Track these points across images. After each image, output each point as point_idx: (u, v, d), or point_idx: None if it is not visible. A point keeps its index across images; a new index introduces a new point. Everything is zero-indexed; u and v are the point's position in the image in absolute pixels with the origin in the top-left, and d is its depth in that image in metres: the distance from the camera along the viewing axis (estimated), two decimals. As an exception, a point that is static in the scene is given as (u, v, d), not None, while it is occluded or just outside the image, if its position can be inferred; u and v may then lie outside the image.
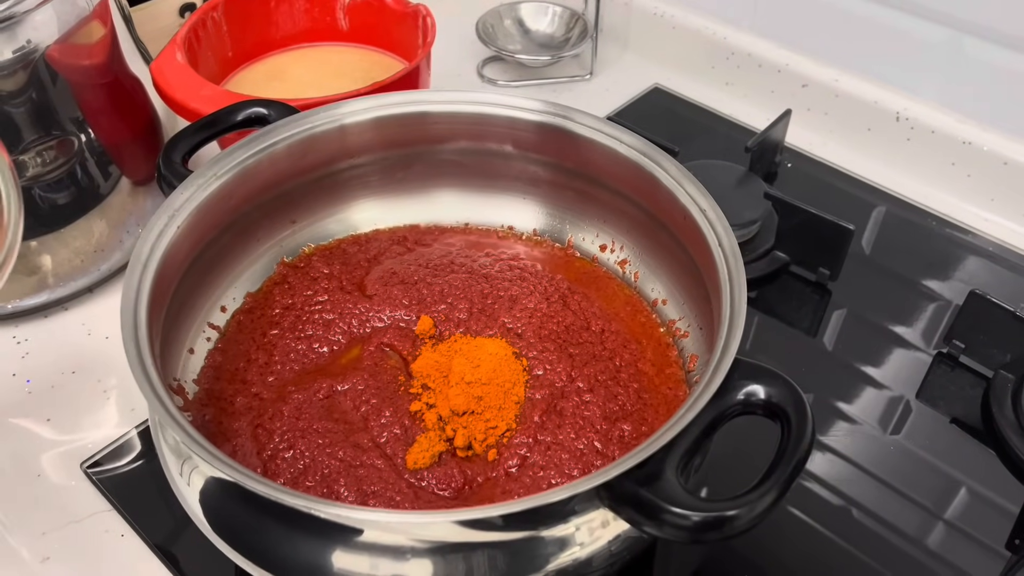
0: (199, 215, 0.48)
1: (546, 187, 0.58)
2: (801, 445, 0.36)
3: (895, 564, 0.50)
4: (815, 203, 0.64)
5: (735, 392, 0.38)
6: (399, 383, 0.49)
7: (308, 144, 0.53)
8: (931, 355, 0.61)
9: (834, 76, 0.78)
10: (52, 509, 0.52)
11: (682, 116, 0.83)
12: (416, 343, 0.52)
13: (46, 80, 0.56)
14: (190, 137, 0.52)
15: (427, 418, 0.47)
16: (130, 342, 0.40)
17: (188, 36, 0.68)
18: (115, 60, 0.62)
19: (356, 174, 0.58)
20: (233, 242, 0.53)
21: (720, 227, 0.45)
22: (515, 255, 0.58)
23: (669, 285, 0.54)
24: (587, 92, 0.86)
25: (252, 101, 0.55)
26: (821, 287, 0.66)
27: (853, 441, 0.56)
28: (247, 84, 0.74)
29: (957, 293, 0.65)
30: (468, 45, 0.89)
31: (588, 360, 0.50)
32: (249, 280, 0.55)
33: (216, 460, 0.35)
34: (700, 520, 0.34)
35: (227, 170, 0.50)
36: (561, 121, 0.53)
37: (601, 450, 0.46)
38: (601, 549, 0.39)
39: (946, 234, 0.71)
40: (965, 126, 0.72)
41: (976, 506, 0.52)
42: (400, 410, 0.47)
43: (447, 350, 0.50)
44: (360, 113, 0.54)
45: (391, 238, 0.59)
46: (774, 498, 0.35)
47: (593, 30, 0.85)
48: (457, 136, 0.56)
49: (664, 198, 0.49)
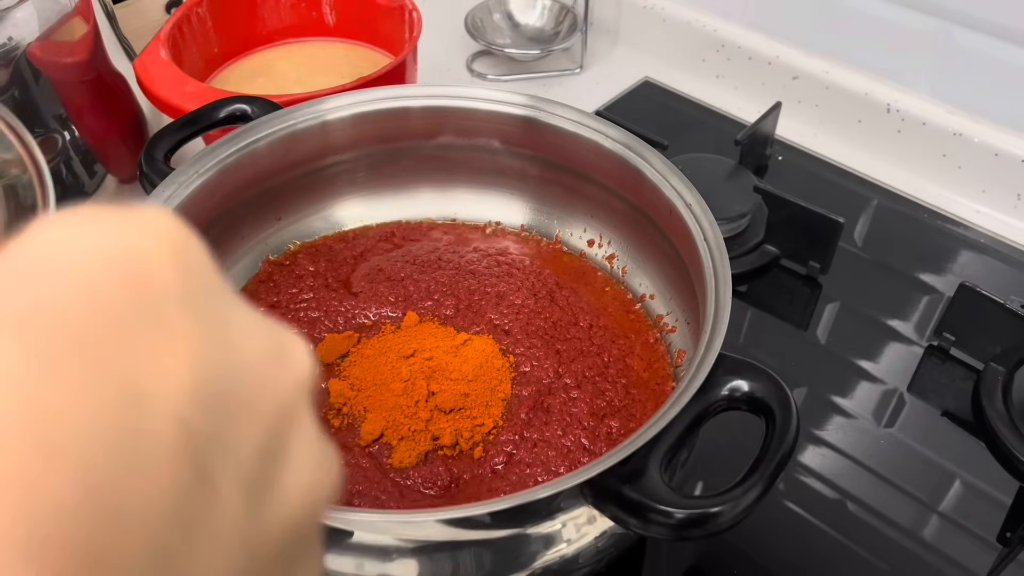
0: (182, 213, 0.48)
1: (533, 182, 0.58)
2: (785, 440, 0.36)
3: (889, 556, 0.49)
4: (805, 196, 0.64)
5: (719, 388, 0.38)
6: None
7: (290, 141, 0.52)
8: (923, 347, 0.61)
9: (824, 68, 0.78)
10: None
11: (672, 109, 0.83)
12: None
13: (28, 78, 0.56)
14: (172, 134, 0.52)
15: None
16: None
17: (172, 32, 0.68)
18: (98, 57, 0.62)
19: (341, 170, 0.57)
20: (217, 240, 0.53)
21: (705, 221, 0.45)
22: (502, 250, 0.57)
23: (656, 280, 0.54)
24: (577, 86, 0.86)
25: (234, 98, 0.54)
26: (812, 280, 0.65)
27: (846, 434, 0.56)
28: (233, 81, 0.73)
29: (948, 285, 0.64)
30: (457, 39, 0.88)
31: (576, 356, 0.50)
32: (234, 278, 0.55)
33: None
34: (684, 517, 0.34)
35: (209, 167, 0.49)
36: (546, 116, 0.53)
37: (588, 447, 0.46)
38: (588, 546, 0.38)
39: (937, 226, 0.71)
40: (956, 117, 0.72)
41: (968, 498, 0.52)
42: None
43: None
44: (342, 109, 0.53)
45: (377, 235, 0.59)
46: (758, 494, 0.34)
47: (583, 23, 0.85)
48: (442, 131, 0.56)
49: (649, 192, 0.49)
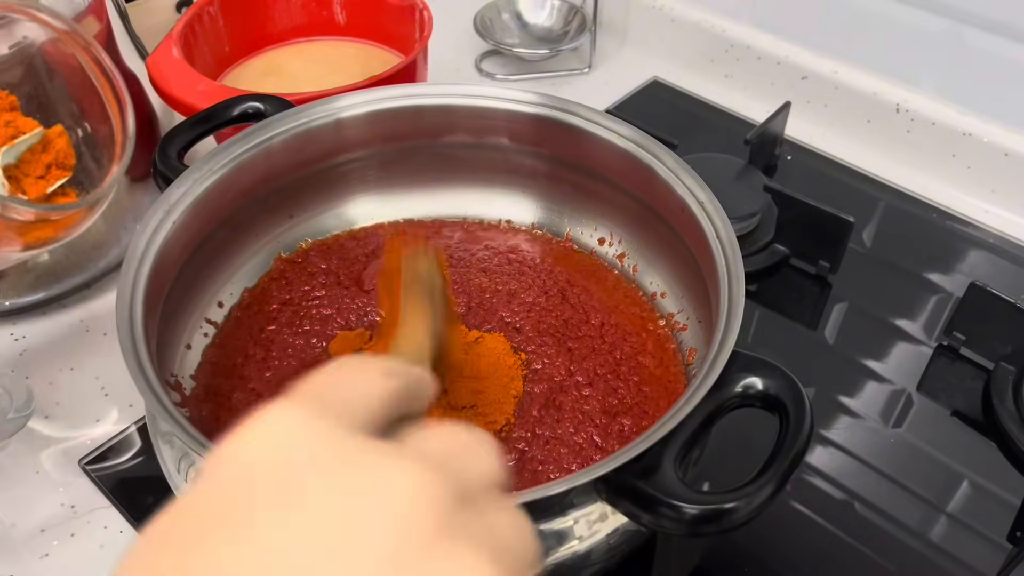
0: (195, 210, 0.48)
1: (544, 180, 0.58)
2: (799, 437, 0.36)
3: (897, 557, 0.49)
4: (815, 196, 0.64)
5: (733, 385, 0.38)
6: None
7: (304, 138, 0.53)
8: (932, 347, 0.61)
9: (833, 68, 0.78)
10: (51, 506, 0.52)
11: (681, 109, 0.83)
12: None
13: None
14: (186, 132, 0.52)
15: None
16: (126, 339, 0.40)
17: (184, 31, 0.68)
18: (111, 55, 0.62)
19: (353, 168, 0.57)
20: (230, 237, 0.53)
21: (718, 219, 0.45)
22: (513, 248, 0.57)
23: (668, 278, 0.54)
24: (586, 85, 0.86)
25: (248, 96, 0.55)
26: (821, 280, 0.65)
27: (854, 434, 0.56)
28: (244, 79, 0.73)
29: (958, 285, 0.64)
30: (466, 39, 0.88)
31: (587, 354, 0.50)
32: (246, 276, 0.55)
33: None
34: (698, 513, 0.34)
35: (223, 165, 0.49)
36: (558, 114, 0.53)
37: (600, 444, 0.46)
38: (600, 542, 0.38)
39: (947, 226, 0.71)
40: (966, 117, 0.72)
41: (977, 498, 0.52)
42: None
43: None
44: (356, 107, 0.53)
45: (389, 232, 0.59)
46: (772, 491, 0.35)
47: (591, 23, 0.85)
48: (454, 130, 0.56)
49: (661, 190, 0.49)
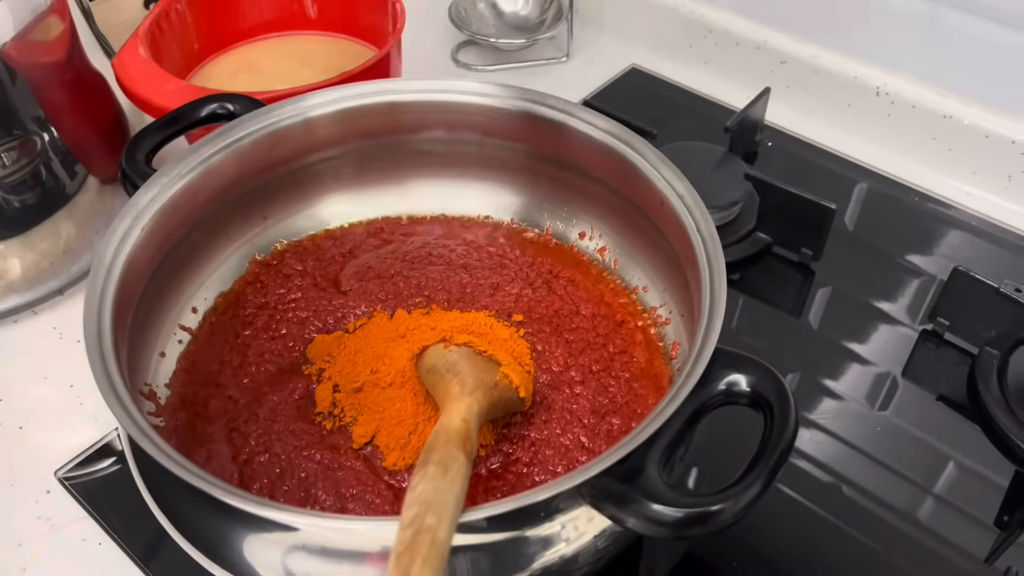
0: (165, 215, 0.47)
1: (523, 174, 0.57)
2: (784, 435, 0.35)
3: (886, 539, 0.49)
4: (796, 182, 0.64)
5: (717, 382, 0.38)
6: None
7: (274, 138, 0.51)
8: (916, 332, 0.60)
9: (813, 52, 0.77)
10: (28, 519, 0.51)
11: (660, 96, 0.82)
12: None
13: (4, 79, 0.55)
14: (153, 135, 0.51)
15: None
16: (94, 351, 0.39)
17: (151, 29, 0.66)
18: (75, 56, 0.60)
19: (327, 167, 0.56)
20: (202, 241, 0.52)
21: (698, 212, 0.44)
22: (493, 242, 0.57)
23: (649, 272, 0.53)
24: (564, 74, 0.85)
25: (216, 96, 0.53)
26: (804, 267, 0.65)
27: (841, 419, 0.55)
28: (215, 77, 0.72)
29: (941, 268, 0.64)
30: (442, 30, 0.87)
31: (584, 348, 0.49)
32: (220, 280, 0.54)
33: (182, 470, 0.34)
34: (683, 516, 0.33)
35: (192, 168, 0.48)
36: (534, 107, 0.52)
37: (587, 445, 0.45)
38: (587, 545, 0.38)
39: (928, 209, 0.70)
40: (945, 100, 0.72)
41: (964, 481, 0.52)
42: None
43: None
44: (326, 105, 0.52)
45: (366, 231, 0.58)
46: (759, 490, 0.34)
47: (568, 11, 0.84)
48: (428, 125, 0.55)
49: (640, 183, 0.48)
